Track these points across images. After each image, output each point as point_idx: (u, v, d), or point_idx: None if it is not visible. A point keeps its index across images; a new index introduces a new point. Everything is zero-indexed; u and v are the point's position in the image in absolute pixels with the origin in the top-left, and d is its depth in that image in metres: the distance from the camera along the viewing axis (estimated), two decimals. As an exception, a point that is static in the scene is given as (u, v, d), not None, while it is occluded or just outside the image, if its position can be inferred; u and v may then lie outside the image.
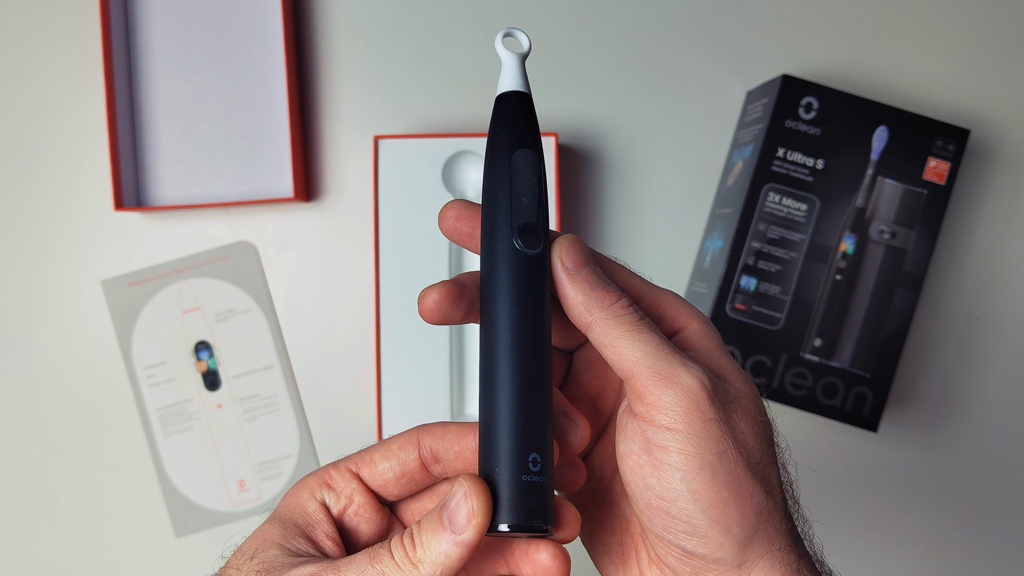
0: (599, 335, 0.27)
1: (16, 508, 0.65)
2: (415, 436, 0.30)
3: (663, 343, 0.27)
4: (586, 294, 0.28)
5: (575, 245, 0.28)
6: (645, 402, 0.26)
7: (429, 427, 0.30)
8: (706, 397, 0.26)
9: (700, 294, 0.62)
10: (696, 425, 0.26)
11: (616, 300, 0.28)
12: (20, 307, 0.65)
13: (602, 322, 0.27)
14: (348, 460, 0.31)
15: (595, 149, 0.65)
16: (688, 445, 0.26)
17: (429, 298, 0.28)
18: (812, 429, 0.65)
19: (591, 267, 0.28)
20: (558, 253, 0.28)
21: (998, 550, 0.66)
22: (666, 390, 0.26)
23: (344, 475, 0.30)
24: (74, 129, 0.64)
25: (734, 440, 0.26)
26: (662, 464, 0.26)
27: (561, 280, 0.28)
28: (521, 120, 0.28)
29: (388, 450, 0.30)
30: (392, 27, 0.65)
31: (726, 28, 0.65)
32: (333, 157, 0.65)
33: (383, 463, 0.30)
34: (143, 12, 0.64)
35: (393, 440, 0.30)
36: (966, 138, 0.59)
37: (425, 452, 0.30)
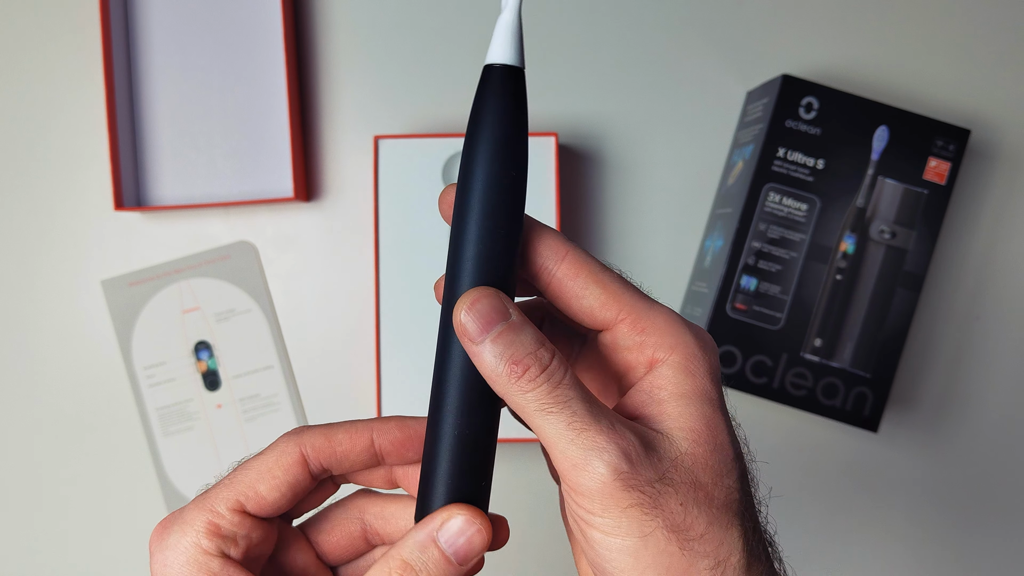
0: (514, 408, 0.25)
1: (16, 508, 0.65)
2: (296, 452, 0.28)
3: (576, 420, 0.24)
4: (492, 366, 0.24)
5: (477, 303, 0.25)
6: (565, 483, 0.25)
7: (309, 437, 0.28)
8: (621, 485, 0.24)
9: (700, 294, 0.62)
10: (613, 513, 0.24)
11: (523, 372, 0.24)
12: (20, 307, 0.65)
13: (511, 398, 0.25)
14: (221, 495, 0.27)
15: (595, 149, 0.65)
16: (608, 529, 0.24)
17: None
18: (812, 429, 0.65)
19: (500, 327, 0.24)
20: (458, 313, 0.25)
21: (999, 550, 0.66)
22: (579, 477, 0.24)
23: (232, 518, 0.27)
24: (74, 129, 0.64)
25: (664, 520, 0.24)
26: (588, 539, 0.25)
27: (466, 346, 0.25)
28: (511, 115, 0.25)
29: (272, 477, 0.27)
30: (392, 27, 0.65)
31: (726, 28, 0.65)
32: (333, 157, 0.65)
33: (272, 493, 0.27)
34: (143, 12, 0.64)
35: (271, 462, 0.28)
36: (966, 138, 0.59)
37: (314, 467, 0.28)
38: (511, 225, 0.25)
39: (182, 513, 0.27)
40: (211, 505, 0.27)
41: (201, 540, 0.26)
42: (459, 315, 0.25)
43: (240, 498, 0.27)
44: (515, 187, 0.25)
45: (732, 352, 0.58)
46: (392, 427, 0.28)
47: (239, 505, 0.27)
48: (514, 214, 0.25)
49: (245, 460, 0.28)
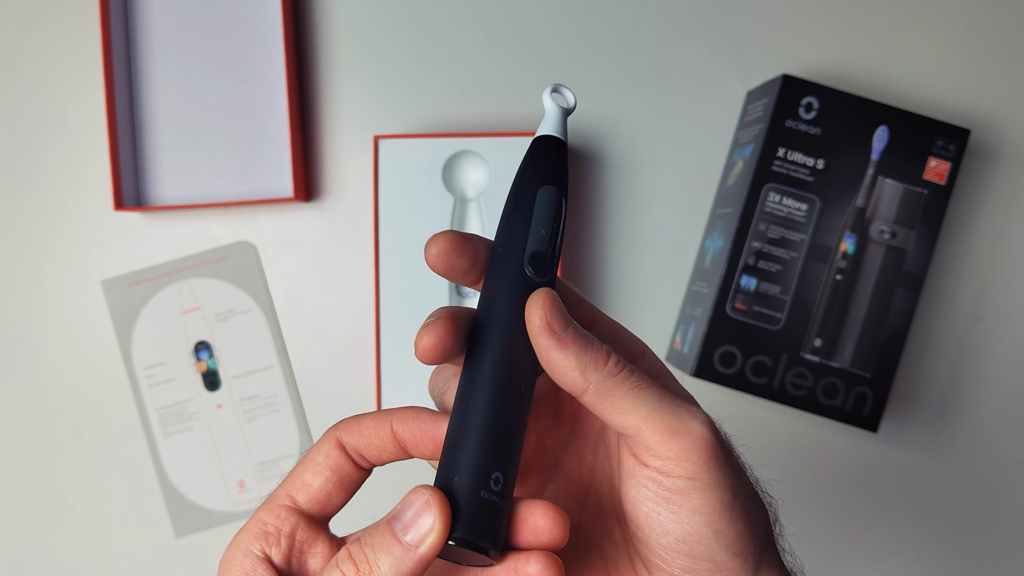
0: (597, 399, 0.26)
1: (16, 508, 0.65)
2: (333, 438, 0.28)
3: (664, 393, 0.26)
4: (579, 358, 0.26)
5: (557, 303, 0.26)
6: (660, 456, 0.26)
7: (344, 424, 0.28)
8: (717, 442, 0.26)
9: (700, 294, 0.62)
10: (714, 472, 0.26)
11: (607, 359, 0.26)
12: (20, 307, 0.65)
13: (600, 385, 0.26)
14: (277, 495, 0.28)
15: (595, 149, 0.65)
16: (709, 491, 0.26)
17: (424, 340, 0.26)
18: (812, 429, 0.65)
19: (574, 324, 0.26)
20: (540, 313, 0.26)
21: (999, 550, 0.66)
22: (679, 442, 0.25)
23: (279, 513, 0.27)
24: (74, 129, 0.64)
25: (739, 476, 0.27)
26: (683, 510, 0.26)
27: (545, 345, 0.26)
28: (553, 162, 0.28)
29: (315, 464, 0.28)
30: (392, 27, 0.65)
31: (726, 28, 0.65)
32: (333, 157, 0.65)
33: (316, 479, 0.28)
34: (143, 12, 0.64)
35: (314, 452, 0.28)
36: (966, 138, 0.59)
37: (352, 453, 0.28)
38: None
39: (249, 521, 0.28)
40: (266, 506, 0.28)
41: (246, 541, 0.27)
42: (539, 312, 0.26)
43: (291, 492, 0.28)
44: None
45: (732, 352, 0.58)
46: (408, 416, 0.28)
47: (291, 500, 0.28)
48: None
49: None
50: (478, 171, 0.63)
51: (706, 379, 0.58)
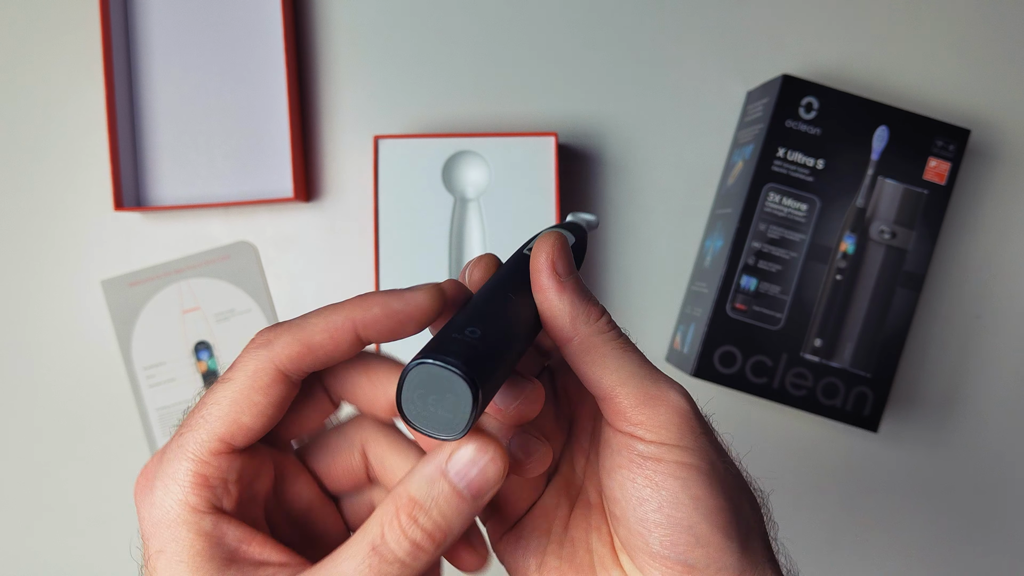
0: (580, 352, 0.26)
1: (16, 508, 0.65)
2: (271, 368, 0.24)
3: (646, 362, 0.26)
4: (573, 306, 0.26)
5: (565, 247, 0.26)
6: (632, 421, 0.25)
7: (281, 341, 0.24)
8: (694, 413, 0.26)
9: (700, 294, 0.62)
10: (689, 439, 0.25)
11: (600, 315, 0.26)
12: (20, 307, 0.65)
13: (586, 339, 0.26)
14: (200, 438, 0.24)
15: (595, 148, 0.65)
16: (685, 456, 0.25)
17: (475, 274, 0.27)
18: (812, 429, 0.65)
19: (576, 274, 0.26)
20: (546, 254, 0.26)
21: (1000, 550, 0.66)
22: (655, 408, 0.25)
23: (217, 463, 0.24)
24: (74, 129, 0.64)
25: (720, 453, 0.26)
26: (658, 474, 0.25)
27: (545, 286, 0.26)
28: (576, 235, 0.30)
29: (253, 406, 0.24)
30: (392, 27, 0.65)
31: (726, 28, 0.65)
32: (333, 157, 0.65)
33: (257, 421, 0.24)
34: (143, 12, 0.64)
35: (247, 387, 0.24)
36: (966, 138, 0.59)
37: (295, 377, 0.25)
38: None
39: (164, 464, 0.24)
40: (193, 452, 0.24)
41: (188, 497, 0.23)
42: (545, 254, 0.26)
43: (224, 437, 0.24)
44: None
45: (732, 352, 0.58)
46: (374, 307, 0.24)
47: (224, 446, 0.24)
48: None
49: (212, 388, 0.25)
50: (478, 171, 0.63)
51: (706, 379, 0.58)
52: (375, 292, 0.25)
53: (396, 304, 0.24)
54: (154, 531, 0.23)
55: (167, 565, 0.23)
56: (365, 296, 0.25)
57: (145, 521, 0.24)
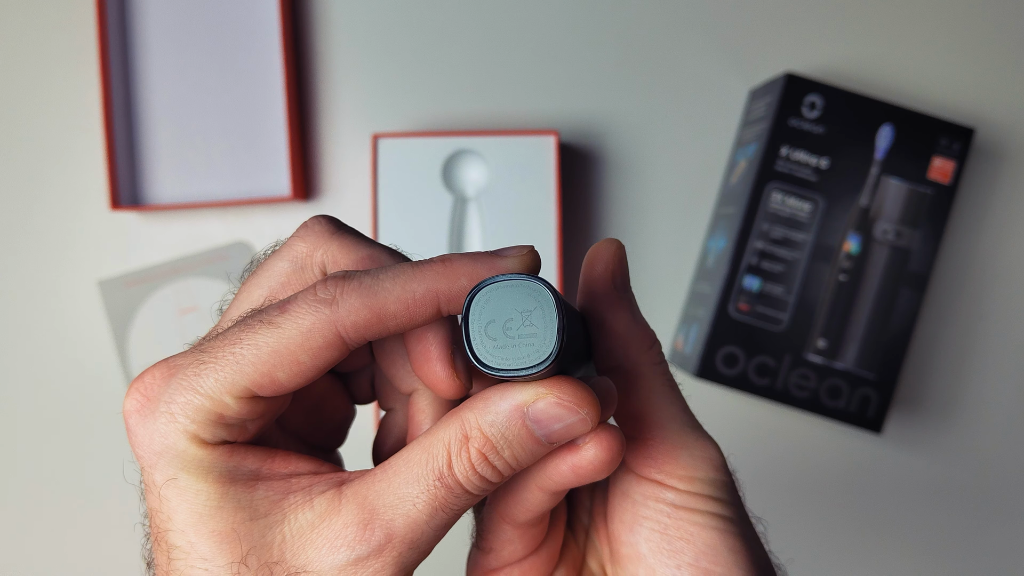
0: (634, 380, 0.24)
1: (13, 509, 0.64)
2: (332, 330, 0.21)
3: (686, 406, 0.24)
4: (629, 329, 0.23)
5: (624, 258, 0.23)
6: (664, 469, 0.24)
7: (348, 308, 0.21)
8: (727, 468, 0.25)
9: (703, 294, 0.61)
10: (725, 492, 0.24)
11: (653, 343, 0.24)
12: (16, 307, 0.64)
13: (636, 368, 0.24)
14: (226, 382, 0.21)
15: (597, 148, 0.65)
16: (721, 509, 0.24)
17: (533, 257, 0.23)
18: (816, 431, 0.64)
19: (631, 291, 0.24)
20: (606, 264, 0.23)
21: (1004, 552, 0.65)
22: (693, 458, 0.24)
23: (241, 407, 0.21)
24: (70, 128, 0.64)
25: (740, 506, 0.25)
26: (694, 525, 0.24)
27: (604, 300, 0.23)
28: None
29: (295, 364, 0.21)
30: (391, 25, 0.65)
31: (729, 26, 0.65)
32: (331, 156, 0.65)
33: (293, 379, 0.21)
34: (140, 10, 0.63)
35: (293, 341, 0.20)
36: (971, 137, 0.58)
37: (353, 345, 0.21)
38: None
39: (172, 389, 0.21)
40: (212, 390, 0.21)
41: (200, 431, 0.21)
42: (604, 262, 0.23)
43: (252, 386, 0.21)
44: None
45: (735, 353, 0.58)
46: (461, 278, 0.21)
47: (249, 393, 0.21)
48: None
49: (252, 325, 0.21)
50: (478, 170, 0.62)
51: (709, 380, 0.58)
52: (459, 257, 0.21)
53: (487, 275, 0.21)
54: (157, 460, 0.21)
55: (181, 494, 0.21)
56: (449, 262, 0.21)
57: (143, 447, 0.22)
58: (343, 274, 0.21)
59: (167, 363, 0.22)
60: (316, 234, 0.24)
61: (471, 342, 0.20)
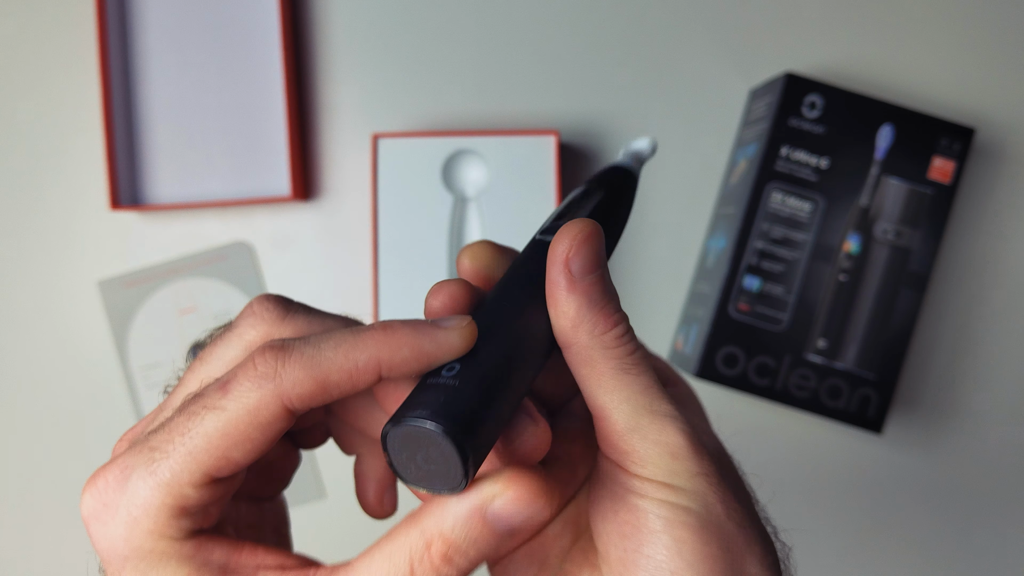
0: (573, 363, 0.24)
1: (12, 509, 0.64)
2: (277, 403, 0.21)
3: (650, 386, 0.23)
4: (580, 310, 0.23)
5: (589, 241, 0.23)
6: (618, 449, 0.23)
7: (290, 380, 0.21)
8: (693, 451, 0.23)
9: (703, 294, 0.61)
10: (683, 478, 0.23)
11: (611, 327, 0.23)
12: (15, 307, 0.64)
13: (583, 350, 0.23)
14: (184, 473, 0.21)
15: (597, 148, 0.65)
16: (672, 496, 0.23)
17: (437, 300, 0.23)
18: (816, 431, 0.64)
19: (598, 274, 0.23)
20: (565, 246, 0.23)
21: (1003, 552, 0.65)
22: (645, 440, 0.23)
23: (203, 493, 0.21)
24: (70, 128, 0.64)
25: (722, 494, 0.23)
26: (641, 511, 0.23)
27: (555, 280, 0.23)
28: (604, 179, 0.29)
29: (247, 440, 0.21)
30: (391, 25, 0.65)
31: (729, 26, 0.64)
32: (331, 156, 0.65)
33: (247, 457, 0.21)
34: (139, 10, 0.63)
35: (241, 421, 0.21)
36: (971, 137, 0.58)
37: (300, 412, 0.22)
38: None
39: (130, 492, 0.21)
40: (170, 483, 0.21)
41: (164, 529, 0.21)
42: (562, 247, 0.23)
43: (209, 471, 0.21)
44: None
45: (735, 353, 0.58)
46: (403, 348, 0.21)
47: (208, 479, 0.21)
48: None
49: (198, 412, 0.21)
50: (478, 170, 0.62)
51: (709, 380, 0.58)
52: (400, 326, 0.22)
53: (428, 346, 0.22)
54: (124, 564, 0.21)
55: None
56: (390, 331, 0.22)
57: (108, 551, 0.21)
58: (281, 343, 0.21)
59: (117, 464, 0.21)
60: (266, 320, 0.24)
61: (394, 466, 0.21)
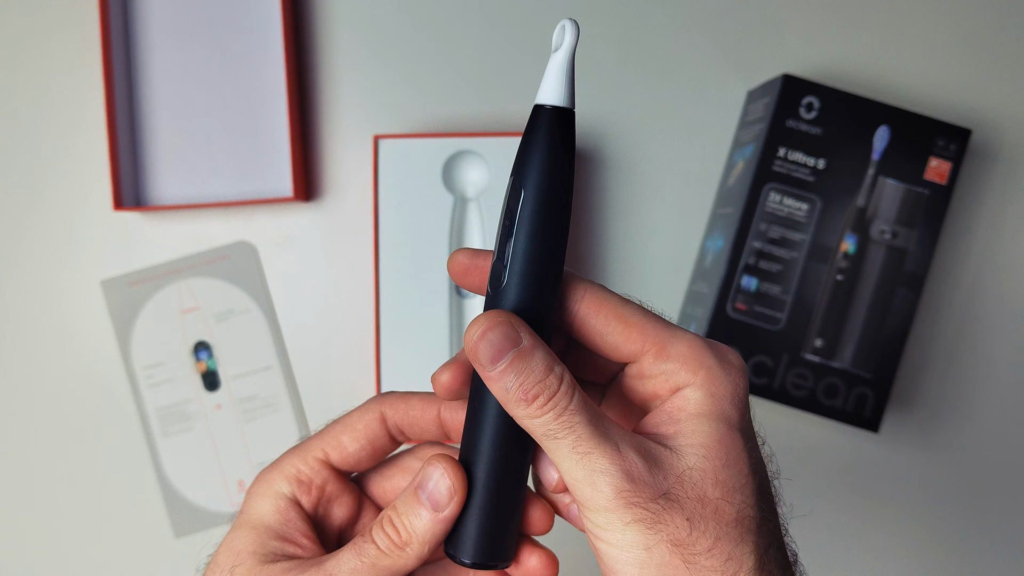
0: (527, 431, 0.26)
1: (15, 509, 0.65)
2: (378, 410, 0.31)
3: (580, 443, 0.25)
4: (503, 396, 0.26)
5: (487, 336, 0.25)
6: (575, 498, 0.26)
7: (390, 399, 0.31)
8: (623, 503, 0.25)
9: (701, 294, 0.62)
10: (617, 527, 0.25)
11: (532, 400, 0.25)
12: (19, 307, 0.65)
13: (523, 423, 0.26)
14: (312, 446, 0.30)
15: (595, 149, 0.65)
16: (614, 542, 0.25)
17: (441, 379, 0.29)
18: (813, 430, 0.65)
19: (509, 356, 0.25)
20: (472, 345, 0.26)
21: (1000, 551, 0.66)
22: (584, 493, 0.25)
23: (313, 465, 0.30)
24: (73, 128, 0.64)
25: (668, 534, 0.25)
26: (598, 552, 0.26)
27: (480, 375, 0.26)
28: (528, 139, 0.26)
29: (354, 430, 0.31)
30: (392, 26, 0.65)
31: (727, 27, 0.65)
32: (333, 157, 0.65)
33: (352, 444, 0.30)
34: (142, 10, 0.63)
35: (355, 417, 0.31)
36: (967, 138, 0.58)
37: (391, 427, 0.31)
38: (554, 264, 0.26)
39: (279, 460, 0.31)
40: (300, 455, 0.30)
41: (279, 481, 0.30)
42: (470, 342, 0.26)
43: (327, 448, 0.30)
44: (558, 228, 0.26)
45: (733, 352, 0.58)
46: (458, 405, 0.30)
47: (325, 455, 0.30)
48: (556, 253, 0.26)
49: (334, 419, 0.31)
50: (478, 171, 0.62)
51: (707, 379, 0.58)
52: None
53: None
54: (248, 498, 0.30)
55: (242, 523, 0.30)
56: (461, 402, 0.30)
57: (246, 497, 0.30)
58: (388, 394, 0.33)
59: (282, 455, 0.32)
60: None
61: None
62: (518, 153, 0.26)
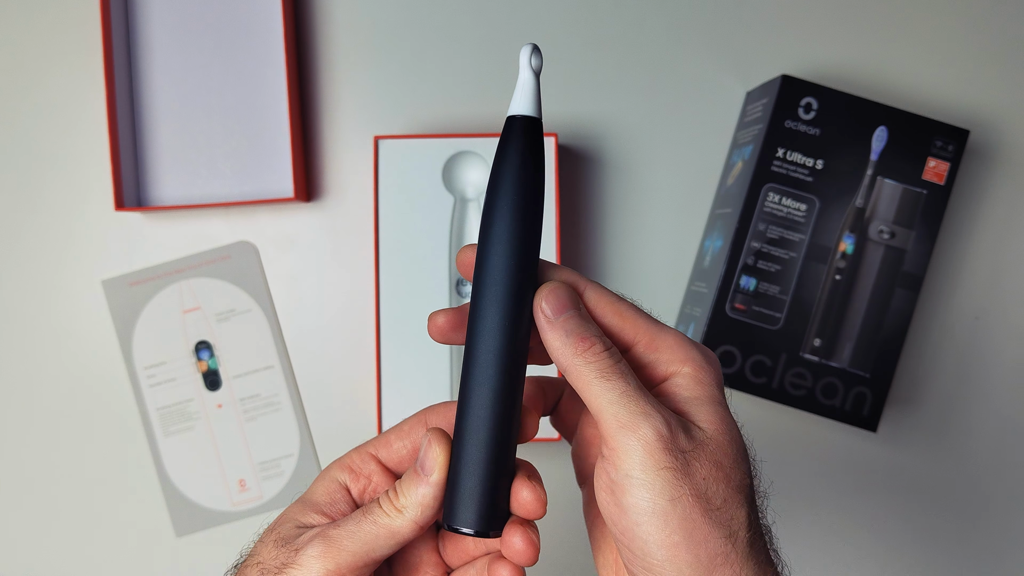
0: (573, 380, 0.29)
1: (16, 508, 0.65)
2: (423, 417, 0.34)
3: (629, 390, 0.28)
4: (562, 340, 0.29)
5: (554, 292, 0.30)
6: (608, 446, 0.28)
7: (435, 407, 0.34)
8: (661, 447, 0.28)
9: (700, 294, 0.62)
10: (650, 473, 0.27)
11: (589, 346, 0.29)
12: (20, 307, 0.65)
13: (575, 368, 0.29)
14: (368, 444, 0.35)
15: (595, 149, 0.65)
16: (642, 490, 0.27)
17: (436, 319, 0.31)
18: (811, 429, 0.65)
19: (570, 312, 0.30)
20: (539, 300, 0.30)
21: (997, 550, 0.66)
22: (625, 437, 0.28)
23: (364, 458, 0.34)
24: (75, 129, 0.65)
25: (691, 487, 0.28)
26: (621, 504, 0.28)
27: (541, 326, 0.30)
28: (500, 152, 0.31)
29: (400, 431, 0.34)
30: (393, 27, 0.65)
31: (726, 28, 0.65)
32: (333, 157, 0.65)
33: (398, 442, 0.34)
34: (144, 11, 0.64)
35: (405, 423, 0.35)
36: (965, 138, 0.59)
37: None
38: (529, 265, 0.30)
39: (344, 455, 0.35)
40: (357, 450, 0.35)
41: (335, 469, 0.34)
42: (540, 300, 0.30)
43: (378, 446, 0.34)
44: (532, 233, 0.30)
45: (731, 352, 0.58)
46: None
47: (375, 451, 0.34)
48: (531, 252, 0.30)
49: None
50: (478, 171, 0.63)
51: (705, 379, 0.58)
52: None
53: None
54: (313, 482, 0.34)
55: (300, 499, 0.34)
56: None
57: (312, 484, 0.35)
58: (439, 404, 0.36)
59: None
60: None
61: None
62: (497, 162, 0.31)
